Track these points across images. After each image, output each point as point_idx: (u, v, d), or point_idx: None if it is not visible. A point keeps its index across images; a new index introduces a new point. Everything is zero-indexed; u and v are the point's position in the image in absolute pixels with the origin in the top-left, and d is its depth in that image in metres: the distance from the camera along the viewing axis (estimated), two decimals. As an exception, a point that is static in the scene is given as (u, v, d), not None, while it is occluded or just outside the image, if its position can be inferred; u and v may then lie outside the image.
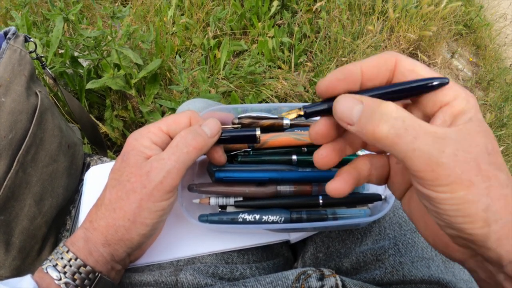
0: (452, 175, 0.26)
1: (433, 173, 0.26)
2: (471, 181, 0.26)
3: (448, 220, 0.27)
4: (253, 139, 0.43)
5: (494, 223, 0.26)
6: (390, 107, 0.27)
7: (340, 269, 0.51)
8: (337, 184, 0.34)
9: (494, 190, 0.26)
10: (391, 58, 0.31)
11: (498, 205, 0.26)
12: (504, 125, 1.85)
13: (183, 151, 0.38)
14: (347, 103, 0.29)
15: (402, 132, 0.26)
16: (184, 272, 0.45)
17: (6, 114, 0.55)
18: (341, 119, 0.30)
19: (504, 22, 2.48)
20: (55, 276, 0.37)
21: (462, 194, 0.26)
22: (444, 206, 0.27)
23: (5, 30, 0.61)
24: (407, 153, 0.26)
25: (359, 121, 0.28)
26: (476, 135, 0.27)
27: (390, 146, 0.27)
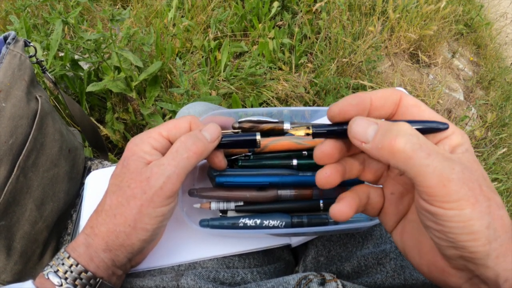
0: (461, 192, 0.27)
1: (444, 189, 0.27)
2: (477, 199, 0.28)
3: (453, 238, 0.28)
4: (253, 144, 0.43)
5: (494, 240, 0.28)
6: (406, 125, 0.29)
7: (342, 273, 0.51)
8: (342, 208, 0.35)
9: (493, 209, 0.28)
10: (397, 93, 0.34)
11: (497, 224, 0.28)
12: (505, 125, 1.85)
13: (183, 156, 0.38)
14: (362, 122, 0.31)
15: (417, 148, 0.28)
16: (185, 277, 0.45)
17: (6, 119, 0.55)
18: (355, 137, 0.32)
19: (505, 21, 2.48)
20: (56, 282, 0.37)
21: (468, 211, 0.27)
22: (450, 223, 0.28)
23: (5, 35, 0.61)
24: (421, 167, 0.28)
25: (374, 139, 0.30)
26: (474, 163, 0.30)
27: (404, 161, 0.28)
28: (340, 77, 1.66)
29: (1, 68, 0.57)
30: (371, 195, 0.37)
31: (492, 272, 0.28)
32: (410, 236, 0.35)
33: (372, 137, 0.30)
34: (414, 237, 0.35)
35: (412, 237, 0.35)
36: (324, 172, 0.35)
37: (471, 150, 0.31)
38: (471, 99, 2.00)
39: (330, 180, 0.35)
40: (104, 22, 1.73)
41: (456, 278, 0.32)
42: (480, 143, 1.77)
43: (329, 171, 0.35)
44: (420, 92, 1.85)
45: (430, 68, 2.01)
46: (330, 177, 0.35)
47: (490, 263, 0.28)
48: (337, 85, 1.64)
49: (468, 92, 2.02)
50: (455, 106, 1.92)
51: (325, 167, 0.35)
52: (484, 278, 0.29)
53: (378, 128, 0.30)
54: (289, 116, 0.56)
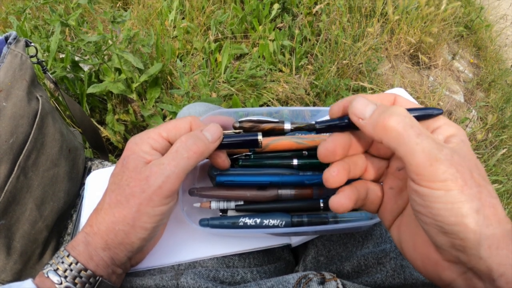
0: (447, 172, 0.28)
1: (431, 167, 0.28)
2: (465, 181, 0.28)
3: (441, 221, 0.28)
4: (255, 144, 0.43)
5: (485, 227, 0.27)
6: (401, 108, 0.31)
7: (342, 272, 0.51)
8: (341, 199, 0.36)
9: (484, 196, 0.28)
10: (392, 95, 0.36)
11: (488, 211, 0.28)
12: (505, 127, 1.85)
13: (183, 156, 0.38)
14: (363, 101, 0.33)
15: (409, 127, 0.29)
16: (185, 276, 0.45)
17: (7, 118, 0.55)
18: (354, 113, 0.33)
19: (505, 23, 2.48)
20: (56, 281, 0.37)
21: (455, 192, 0.28)
22: (438, 204, 0.28)
23: (6, 35, 0.61)
24: (410, 145, 0.29)
25: (371, 116, 0.32)
26: (467, 152, 0.30)
27: (396, 138, 0.30)
28: (340, 79, 1.66)
29: (2, 68, 0.57)
30: (370, 190, 0.38)
31: (485, 265, 0.28)
32: (406, 230, 0.35)
33: (369, 115, 0.32)
34: (409, 230, 0.35)
35: (407, 230, 0.35)
36: (331, 170, 0.36)
37: (467, 142, 0.32)
38: (471, 101, 2.00)
39: (338, 178, 0.36)
40: (104, 24, 1.73)
41: (450, 271, 0.31)
42: (481, 145, 1.77)
43: (336, 170, 0.36)
44: (420, 94, 1.85)
45: (430, 70, 2.01)
46: (338, 176, 0.36)
47: (483, 253, 0.27)
48: (337, 87, 1.64)
49: (468, 94, 2.02)
50: (456, 108, 1.92)
51: (332, 166, 0.36)
52: (477, 271, 0.29)
53: (375, 108, 0.32)
54: (290, 116, 0.56)
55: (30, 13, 1.62)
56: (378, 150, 0.38)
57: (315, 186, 0.48)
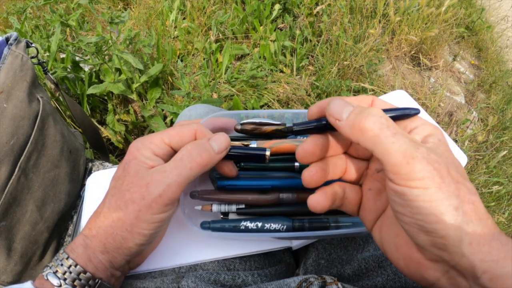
0: (424, 170, 0.28)
1: (408, 166, 0.28)
2: (443, 179, 0.28)
3: (421, 220, 0.29)
4: (261, 159, 0.43)
5: (466, 224, 0.27)
6: (377, 109, 0.31)
7: (342, 275, 0.51)
8: (318, 198, 0.37)
9: (463, 193, 0.28)
10: (369, 97, 0.37)
11: (467, 208, 0.28)
12: (506, 128, 1.85)
13: (187, 166, 0.38)
14: (340, 103, 0.34)
15: (385, 127, 0.30)
16: (186, 279, 0.45)
17: (8, 120, 0.55)
18: (331, 114, 0.34)
19: (506, 24, 2.48)
20: (55, 283, 0.37)
21: (433, 190, 0.28)
22: (416, 203, 0.28)
23: (7, 35, 0.61)
24: (387, 145, 0.29)
25: (348, 118, 0.32)
26: (444, 152, 0.31)
27: (372, 139, 0.30)
28: (341, 80, 1.66)
29: (2, 69, 0.57)
30: (347, 190, 0.38)
31: (468, 262, 0.27)
32: (387, 231, 0.35)
33: (346, 116, 0.32)
34: (391, 231, 0.35)
35: (389, 231, 0.35)
36: (309, 170, 0.37)
37: (444, 141, 0.32)
38: (472, 102, 2.00)
39: (316, 178, 0.37)
40: (104, 25, 1.73)
41: (433, 271, 0.31)
42: (481, 147, 1.77)
43: (314, 170, 0.36)
44: (421, 95, 1.85)
45: (431, 71, 2.01)
46: (315, 175, 0.36)
47: (465, 250, 0.27)
48: (338, 88, 1.64)
49: (469, 95, 2.02)
50: (456, 109, 1.92)
51: (311, 166, 0.37)
52: (461, 269, 0.28)
53: (352, 109, 0.32)
54: (291, 118, 0.56)
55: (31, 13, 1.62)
56: (357, 151, 0.39)
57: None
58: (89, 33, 1.52)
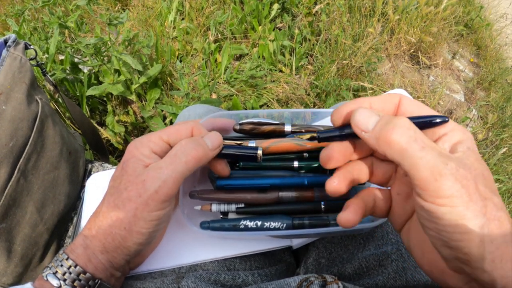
0: (453, 188, 0.27)
1: (436, 183, 0.27)
2: (470, 197, 0.27)
3: (446, 236, 0.28)
4: (253, 159, 0.43)
5: (489, 243, 0.27)
6: (404, 119, 0.30)
7: (343, 274, 0.51)
8: (349, 216, 0.35)
9: (489, 210, 0.28)
10: (396, 96, 0.35)
11: (493, 226, 0.27)
12: (506, 126, 1.84)
13: (182, 161, 0.38)
14: (365, 112, 0.32)
15: (412, 141, 0.29)
16: (186, 280, 0.44)
17: (7, 122, 0.55)
18: (357, 125, 0.33)
19: (505, 22, 2.48)
20: (55, 284, 0.37)
21: (461, 209, 0.27)
22: (443, 221, 0.28)
23: (5, 37, 0.61)
24: (414, 159, 0.28)
25: (374, 129, 0.31)
26: (474, 161, 0.29)
27: (399, 152, 0.29)
28: (340, 79, 1.66)
29: (1, 71, 0.57)
30: (377, 197, 0.37)
31: (489, 278, 0.27)
32: (414, 235, 0.35)
33: (372, 127, 0.31)
34: (418, 236, 0.35)
35: (416, 236, 0.35)
36: (332, 181, 0.36)
37: (474, 149, 0.31)
38: (471, 100, 1.99)
39: (339, 188, 0.36)
40: (102, 26, 1.73)
41: (455, 280, 0.31)
42: (481, 144, 1.77)
43: (337, 181, 0.36)
44: (420, 93, 1.85)
45: (431, 70, 2.01)
46: (338, 186, 0.36)
47: (486, 267, 0.27)
48: (337, 87, 1.64)
49: (468, 93, 2.02)
50: (456, 107, 1.92)
51: (333, 176, 0.36)
52: (481, 283, 0.29)
53: (378, 120, 0.31)
54: (290, 118, 0.56)
55: (29, 15, 1.62)
56: None
57: (316, 188, 0.48)
58: (88, 34, 1.52)
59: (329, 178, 0.36)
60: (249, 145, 0.48)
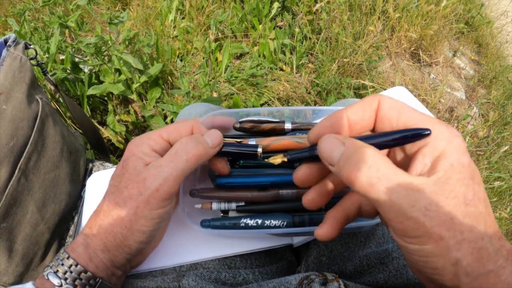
0: (420, 229, 0.26)
1: (401, 225, 0.26)
2: (441, 236, 0.26)
3: (419, 269, 0.28)
4: (253, 157, 0.43)
5: (465, 276, 0.26)
6: (368, 153, 0.28)
7: (344, 272, 0.51)
8: (324, 231, 0.35)
9: (466, 244, 0.26)
10: (374, 100, 0.32)
11: (470, 259, 0.26)
12: (507, 124, 1.84)
13: (182, 158, 0.38)
14: (329, 143, 0.31)
15: (375, 182, 0.27)
16: (186, 278, 0.44)
17: (7, 121, 0.55)
18: (323, 158, 0.31)
19: (506, 20, 2.48)
20: (56, 283, 0.37)
21: (430, 247, 0.26)
22: (414, 257, 0.27)
23: (5, 37, 0.61)
24: (379, 201, 0.27)
25: (338, 163, 0.29)
26: (456, 184, 0.27)
27: (363, 193, 0.28)
28: (341, 77, 1.66)
29: (1, 71, 0.57)
30: (363, 201, 0.36)
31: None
32: None
33: (337, 160, 0.29)
34: None
35: None
36: (307, 198, 0.36)
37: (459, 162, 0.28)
38: (472, 98, 1.99)
39: (315, 203, 0.36)
40: (103, 25, 1.73)
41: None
42: (482, 142, 1.77)
43: (311, 197, 0.36)
44: (421, 91, 1.85)
45: (432, 67, 2.01)
46: (314, 202, 0.36)
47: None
48: (338, 85, 1.64)
49: (469, 91, 2.02)
50: (457, 105, 1.92)
51: (308, 193, 0.36)
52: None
53: (343, 152, 0.29)
54: (291, 115, 0.56)
55: (29, 15, 1.62)
56: None
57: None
58: (88, 34, 1.52)
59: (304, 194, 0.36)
60: (249, 143, 0.48)
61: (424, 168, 0.29)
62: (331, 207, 0.48)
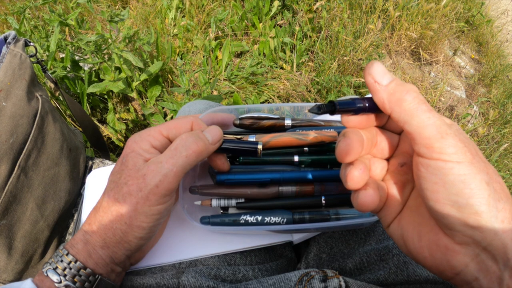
0: (457, 145, 0.28)
1: (442, 140, 0.28)
2: (473, 155, 0.28)
3: (455, 194, 0.28)
4: (253, 153, 0.43)
5: (498, 200, 0.28)
6: (415, 86, 0.31)
7: (344, 269, 0.51)
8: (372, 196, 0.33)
9: (491, 171, 0.29)
10: None
11: (496, 186, 0.28)
12: (507, 122, 1.84)
13: (182, 155, 0.38)
14: (381, 67, 0.32)
15: (422, 103, 0.30)
16: (186, 275, 0.44)
17: (7, 118, 0.55)
18: (372, 74, 0.32)
19: (506, 19, 2.47)
20: (55, 279, 0.37)
21: (466, 164, 0.28)
22: (451, 176, 0.28)
23: (5, 34, 0.61)
24: (422, 119, 0.29)
25: (389, 85, 0.31)
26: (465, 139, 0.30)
27: (409, 111, 0.30)
28: (341, 76, 1.66)
29: (1, 68, 0.57)
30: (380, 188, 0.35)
31: (500, 242, 0.27)
32: (408, 222, 0.34)
33: (387, 83, 0.31)
34: (413, 221, 0.34)
35: (411, 221, 0.34)
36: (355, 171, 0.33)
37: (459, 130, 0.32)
38: (473, 96, 1.99)
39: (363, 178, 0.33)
40: (103, 23, 1.73)
41: (461, 255, 0.30)
42: (483, 140, 1.77)
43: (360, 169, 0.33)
44: (421, 90, 1.85)
45: (432, 66, 2.01)
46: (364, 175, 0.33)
47: (497, 227, 0.27)
48: (338, 84, 1.63)
49: (470, 89, 2.02)
50: (457, 103, 1.92)
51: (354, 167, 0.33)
52: (492, 249, 0.28)
53: (394, 78, 0.32)
54: (291, 113, 0.56)
55: (29, 13, 1.61)
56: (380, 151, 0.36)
57: (316, 182, 0.48)
58: (88, 32, 1.52)
59: (349, 169, 0.33)
60: (249, 139, 0.48)
61: None
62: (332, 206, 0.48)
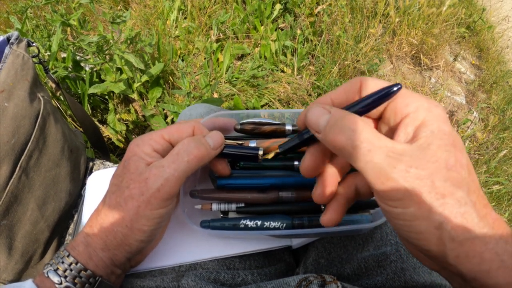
0: (401, 191, 0.26)
1: (383, 186, 0.27)
2: (422, 198, 0.26)
3: (404, 235, 0.28)
4: (254, 159, 0.43)
5: (450, 241, 0.26)
6: (352, 119, 0.29)
7: (342, 275, 0.51)
8: (328, 216, 0.37)
9: (449, 208, 0.26)
10: (357, 81, 0.34)
11: (453, 223, 0.26)
12: (507, 128, 1.84)
13: (184, 159, 0.38)
14: (316, 111, 0.32)
15: (358, 144, 0.28)
16: (186, 278, 0.45)
17: (9, 119, 0.55)
18: (310, 126, 0.32)
19: (507, 25, 2.48)
20: (56, 280, 0.37)
21: (412, 210, 0.26)
22: (398, 221, 0.28)
23: (8, 35, 0.61)
24: (362, 163, 0.28)
25: (324, 130, 0.30)
26: (437, 150, 0.27)
27: (348, 156, 0.29)
28: (342, 80, 1.66)
29: (4, 68, 0.57)
30: (359, 183, 0.37)
31: (456, 270, 0.27)
32: None
33: (323, 127, 0.31)
34: None
35: None
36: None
37: (440, 129, 0.28)
38: (473, 102, 1.99)
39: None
40: (105, 24, 1.73)
41: (430, 263, 0.31)
42: (482, 146, 1.77)
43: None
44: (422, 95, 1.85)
45: (432, 71, 2.01)
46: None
47: (451, 262, 0.26)
48: (338, 88, 1.63)
49: (470, 95, 2.02)
50: (457, 109, 1.92)
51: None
52: (451, 272, 0.28)
53: (328, 119, 0.30)
54: (292, 118, 0.56)
55: (31, 12, 1.62)
56: None
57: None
58: (90, 32, 1.52)
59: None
60: (249, 145, 0.48)
61: (406, 137, 0.29)
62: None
